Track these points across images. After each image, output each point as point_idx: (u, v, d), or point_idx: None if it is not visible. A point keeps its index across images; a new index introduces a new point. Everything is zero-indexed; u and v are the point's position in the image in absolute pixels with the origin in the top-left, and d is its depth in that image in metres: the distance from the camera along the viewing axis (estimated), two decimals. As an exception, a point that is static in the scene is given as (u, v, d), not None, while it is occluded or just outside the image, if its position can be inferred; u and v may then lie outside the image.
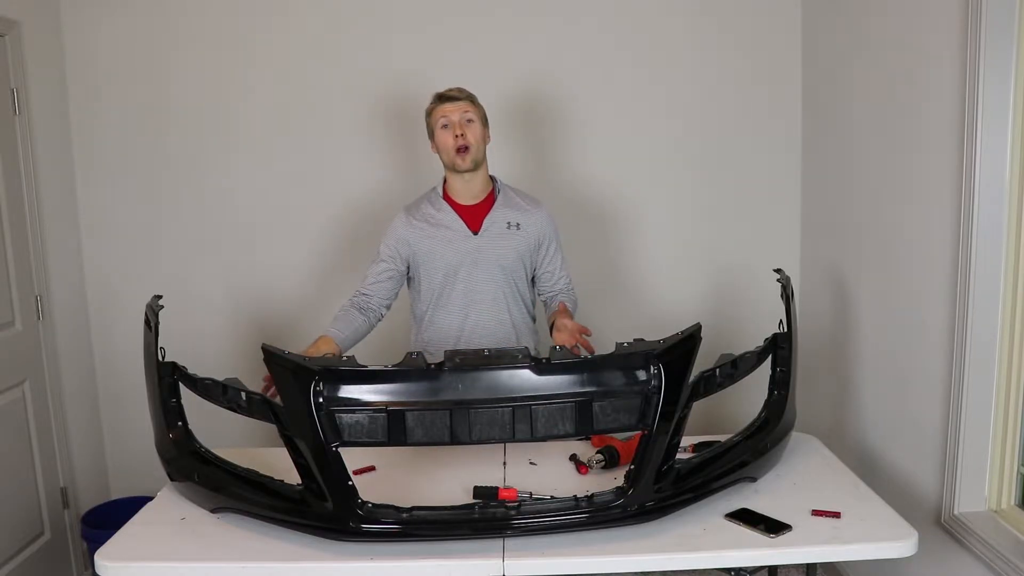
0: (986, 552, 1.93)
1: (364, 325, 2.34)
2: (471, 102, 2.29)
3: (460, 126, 2.25)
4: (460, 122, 2.26)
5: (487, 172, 2.37)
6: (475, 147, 2.27)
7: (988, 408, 2.02)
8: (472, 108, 2.28)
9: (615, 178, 3.13)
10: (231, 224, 3.13)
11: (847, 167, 2.71)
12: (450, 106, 2.27)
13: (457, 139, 2.25)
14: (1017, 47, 1.89)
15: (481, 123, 2.30)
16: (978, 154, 1.94)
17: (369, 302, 2.36)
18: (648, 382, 1.69)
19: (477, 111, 2.30)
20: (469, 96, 2.30)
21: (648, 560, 1.65)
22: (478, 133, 2.28)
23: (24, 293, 2.78)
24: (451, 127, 2.26)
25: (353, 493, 1.67)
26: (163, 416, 1.91)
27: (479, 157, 2.29)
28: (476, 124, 2.28)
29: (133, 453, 3.18)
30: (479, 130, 2.28)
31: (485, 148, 2.32)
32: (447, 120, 2.26)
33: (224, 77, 3.05)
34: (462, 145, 2.25)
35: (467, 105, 2.28)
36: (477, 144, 2.27)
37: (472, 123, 2.27)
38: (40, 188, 2.87)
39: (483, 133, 2.31)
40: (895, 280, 2.39)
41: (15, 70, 2.74)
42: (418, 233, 2.34)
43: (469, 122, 2.27)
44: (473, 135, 2.26)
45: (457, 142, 2.25)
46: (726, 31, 3.06)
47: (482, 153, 2.31)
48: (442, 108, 2.28)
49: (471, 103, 2.29)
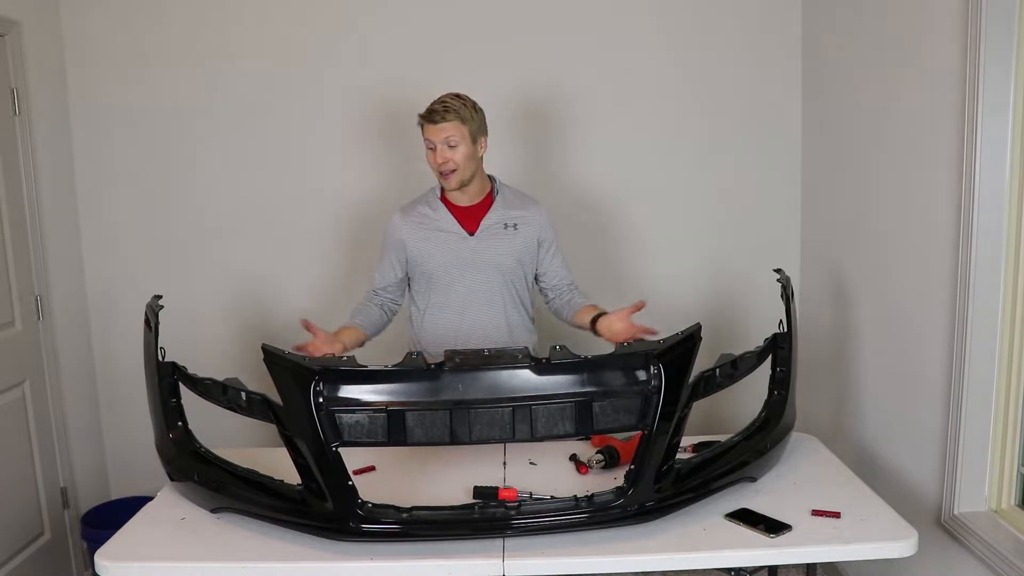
0: (986, 552, 1.93)
1: (381, 318, 2.39)
2: (458, 120, 2.18)
3: (441, 152, 2.19)
4: (442, 148, 2.19)
5: (483, 176, 2.34)
6: (461, 169, 2.21)
7: (988, 408, 2.02)
8: (458, 128, 2.17)
9: (614, 178, 3.13)
10: (231, 224, 3.13)
11: (847, 167, 2.71)
12: (433, 128, 2.19)
13: (440, 164, 2.21)
14: (1017, 46, 1.89)
15: (469, 141, 2.20)
16: (978, 154, 1.94)
17: (381, 300, 2.40)
18: (648, 382, 1.69)
19: (463, 129, 2.18)
20: (457, 113, 2.18)
21: (648, 560, 1.65)
22: (463, 154, 2.20)
23: (24, 293, 2.78)
24: (435, 150, 2.20)
25: (353, 493, 1.67)
26: (163, 416, 1.91)
27: (467, 176, 2.24)
28: (461, 146, 2.19)
29: (133, 453, 3.18)
30: (465, 150, 2.20)
31: (478, 160, 2.27)
32: (431, 142, 2.21)
33: (224, 79, 3.05)
34: (446, 170, 2.21)
35: (451, 127, 2.17)
36: (464, 164, 2.21)
37: (456, 147, 2.19)
38: (40, 188, 2.87)
39: (471, 151, 2.22)
40: (895, 280, 2.39)
41: (15, 70, 2.74)
42: (413, 234, 2.33)
43: (452, 147, 2.19)
44: (458, 157, 2.19)
45: (441, 167, 2.21)
46: (726, 31, 3.06)
47: (471, 170, 2.25)
48: (426, 128, 2.21)
49: (458, 122, 2.18)
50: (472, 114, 2.21)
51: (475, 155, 2.24)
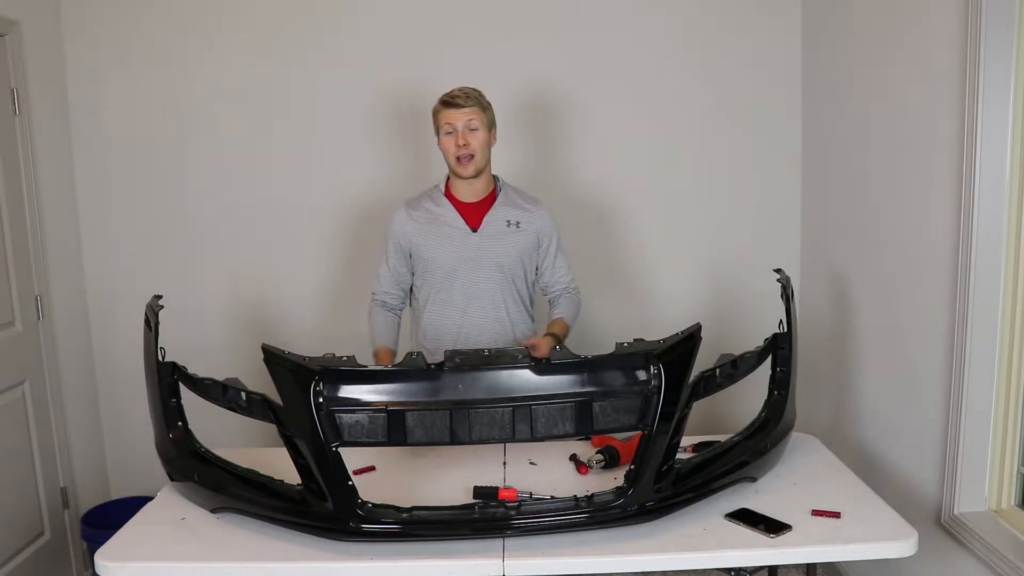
0: (986, 552, 1.93)
1: (396, 321, 2.42)
2: (479, 107, 2.23)
3: (463, 135, 2.21)
4: (463, 131, 2.22)
5: (490, 172, 2.35)
6: (479, 155, 2.24)
7: (988, 408, 2.02)
8: (478, 114, 2.22)
9: (615, 178, 3.13)
10: (231, 223, 3.13)
11: (847, 167, 2.71)
12: (455, 112, 2.21)
13: (460, 148, 2.22)
14: (1017, 45, 1.89)
15: (487, 128, 2.25)
16: (978, 153, 1.94)
17: (389, 300, 2.42)
18: (648, 382, 1.69)
19: (483, 116, 2.24)
20: (477, 100, 2.23)
21: (648, 560, 1.65)
22: (482, 140, 2.24)
23: (24, 293, 2.78)
24: (455, 134, 2.22)
25: (353, 493, 1.67)
26: (163, 416, 1.91)
27: (482, 164, 2.27)
28: (480, 131, 2.23)
29: (133, 453, 3.18)
30: (483, 137, 2.24)
31: (490, 152, 2.30)
32: (451, 127, 2.23)
33: (224, 76, 3.05)
34: (465, 154, 2.23)
35: (472, 112, 2.21)
36: (481, 152, 2.24)
37: (476, 131, 2.23)
38: (40, 188, 2.87)
39: (488, 138, 2.27)
40: (895, 280, 2.39)
41: (15, 70, 2.74)
42: (417, 228, 2.33)
43: (473, 131, 2.22)
44: (477, 143, 2.22)
45: (460, 151, 2.23)
46: (726, 31, 3.06)
47: (486, 159, 2.28)
48: (447, 113, 2.23)
49: (478, 108, 2.22)
50: (487, 105, 2.28)
51: (489, 144, 2.29)
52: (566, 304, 2.41)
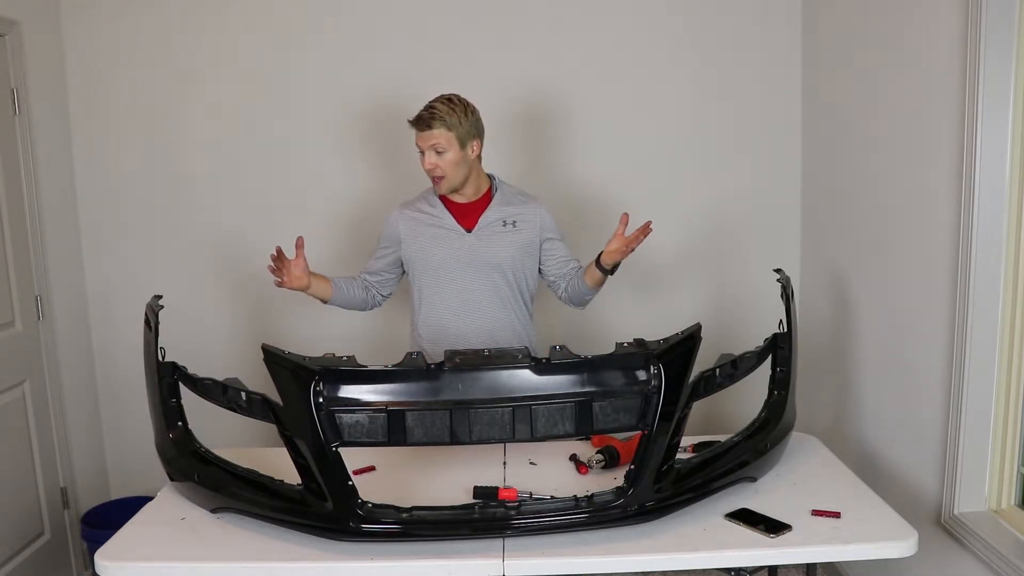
0: (986, 552, 1.93)
1: (360, 294, 2.42)
2: (444, 127, 2.18)
3: (429, 159, 2.22)
4: (429, 153, 2.22)
5: (479, 176, 2.33)
6: (450, 175, 2.23)
7: (988, 408, 2.02)
8: (443, 135, 2.18)
9: (614, 178, 3.13)
10: (231, 224, 3.13)
11: (847, 167, 2.71)
12: (420, 135, 2.22)
13: (429, 171, 2.24)
14: (1017, 45, 1.89)
15: (457, 147, 2.20)
16: (978, 154, 1.94)
17: (368, 283, 2.43)
18: (648, 382, 1.69)
19: (450, 135, 2.18)
20: (443, 119, 2.18)
21: (648, 560, 1.65)
22: (450, 160, 2.21)
23: (24, 293, 2.78)
24: (424, 155, 2.23)
25: (353, 493, 1.67)
26: (163, 416, 1.91)
27: (456, 182, 2.26)
28: (449, 152, 2.20)
29: (133, 453, 3.19)
30: (452, 157, 2.21)
31: (469, 164, 2.26)
32: (420, 148, 2.24)
33: (225, 79, 3.05)
34: (435, 176, 2.24)
35: (438, 135, 2.18)
36: (453, 171, 2.23)
37: (443, 153, 2.20)
38: (40, 188, 2.87)
39: (459, 157, 2.22)
40: (895, 280, 2.39)
41: (15, 70, 2.74)
42: (410, 228, 2.34)
43: (440, 153, 2.20)
44: (445, 163, 2.21)
45: (429, 173, 2.25)
46: (726, 31, 3.06)
47: (460, 175, 2.26)
48: (415, 134, 2.23)
49: (443, 128, 2.18)
50: (461, 119, 2.20)
51: (464, 160, 2.24)
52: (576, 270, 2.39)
